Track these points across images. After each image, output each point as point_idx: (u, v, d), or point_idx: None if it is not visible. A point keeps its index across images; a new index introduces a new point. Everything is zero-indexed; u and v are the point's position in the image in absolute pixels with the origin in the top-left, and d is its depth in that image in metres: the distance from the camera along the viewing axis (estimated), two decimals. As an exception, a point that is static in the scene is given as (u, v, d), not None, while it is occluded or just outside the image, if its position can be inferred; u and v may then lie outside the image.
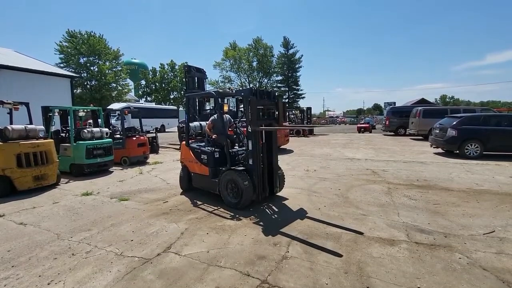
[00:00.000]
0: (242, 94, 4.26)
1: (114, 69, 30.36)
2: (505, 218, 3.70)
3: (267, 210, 4.20)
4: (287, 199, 4.67)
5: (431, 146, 10.16)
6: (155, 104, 34.49)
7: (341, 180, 6.01)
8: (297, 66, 44.55)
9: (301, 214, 3.97)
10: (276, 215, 3.98)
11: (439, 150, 10.06)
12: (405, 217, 3.78)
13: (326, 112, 74.90)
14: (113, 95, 29.83)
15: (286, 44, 43.81)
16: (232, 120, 5.38)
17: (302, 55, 44.37)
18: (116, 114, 16.59)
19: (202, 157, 4.77)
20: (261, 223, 3.65)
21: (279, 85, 44.78)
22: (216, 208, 4.28)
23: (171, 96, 39.10)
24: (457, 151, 8.81)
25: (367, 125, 23.41)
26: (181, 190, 5.32)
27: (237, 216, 3.90)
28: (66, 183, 6.33)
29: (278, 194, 4.81)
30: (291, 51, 44.00)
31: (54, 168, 6.01)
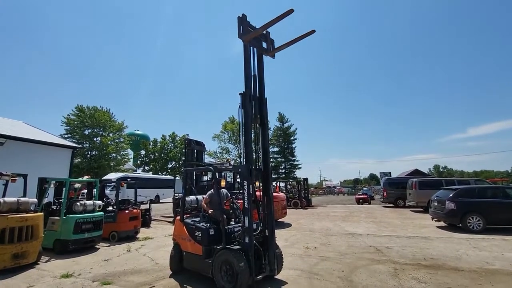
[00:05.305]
0: (239, 170, 4.36)
1: (117, 141, 31.43)
2: (526, 306, 3.37)
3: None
4: (286, 283, 4.28)
5: (432, 219, 9.90)
6: (152, 173, 34.55)
7: (343, 259, 5.63)
8: (292, 138, 46.65)
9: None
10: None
11: (441, 223, 9.76)
12: (416, 305, 3.42)
13: (323, 182, 74.91)
14: (111, 164, 30.08)
15: (281, 118, 46.83)
16: (229, 194, 5.36)
17: (296, 129, 46.98)
18: (112, 184, 16.43)
19: (196, 234, 4.55)
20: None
21: (275, 156, 45.91)
22: (208, 294, 3.88)
23: (169, 166, 39.46)
24: (460, 224, 8.55)
25: (366, 196, 23.14)
26: (171, 272, 4.90)
27: (231, 304, 3.51)
28: (47, 261, 5.83)
29: (276, 276, 4.43)
30: (286, 125, 46.74)
31: (37, 245, 5.63)
